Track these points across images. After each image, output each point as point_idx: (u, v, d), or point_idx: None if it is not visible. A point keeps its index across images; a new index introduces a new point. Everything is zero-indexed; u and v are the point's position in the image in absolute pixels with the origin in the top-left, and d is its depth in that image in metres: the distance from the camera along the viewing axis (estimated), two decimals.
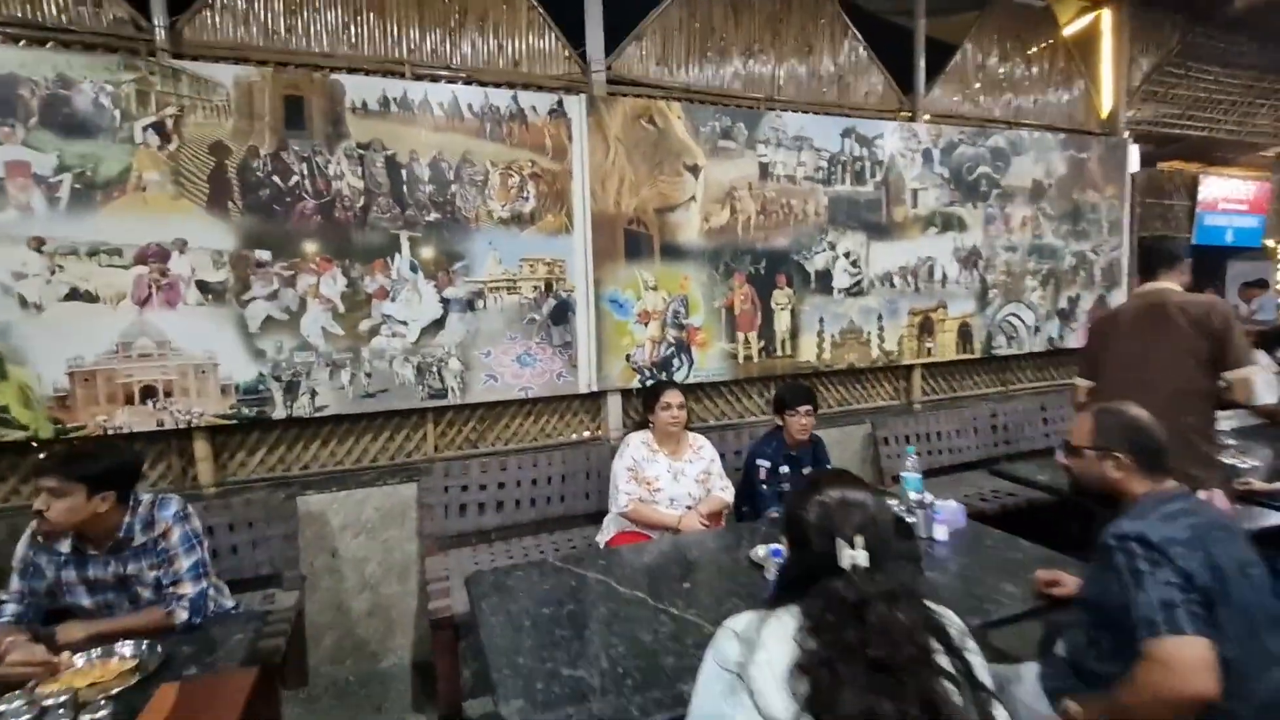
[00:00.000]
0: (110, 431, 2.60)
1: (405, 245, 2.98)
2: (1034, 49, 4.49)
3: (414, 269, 2.99)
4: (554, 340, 3.25)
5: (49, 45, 2.56)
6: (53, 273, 2.50)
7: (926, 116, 4.11)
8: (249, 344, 2.76)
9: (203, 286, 2.69)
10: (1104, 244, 4.73)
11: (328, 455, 2.99)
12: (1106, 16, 4.70)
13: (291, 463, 2.94)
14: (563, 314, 3.26)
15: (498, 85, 3.15)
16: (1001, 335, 4.39)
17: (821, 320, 3.84)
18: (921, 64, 4.11)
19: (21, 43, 2.53)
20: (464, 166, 3.07)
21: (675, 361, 3.50)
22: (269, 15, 2.86)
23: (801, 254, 3.77)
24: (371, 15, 3.00)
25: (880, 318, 3.99)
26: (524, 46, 3.25)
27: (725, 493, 2.85)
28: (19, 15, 2.53)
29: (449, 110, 3.03)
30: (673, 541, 2.41)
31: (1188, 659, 1.19)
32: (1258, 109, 5.51)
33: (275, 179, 2.78)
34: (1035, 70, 4.50)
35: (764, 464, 2.88)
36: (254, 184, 2.75)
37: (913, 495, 2.38)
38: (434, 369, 3.04)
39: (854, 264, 3.90)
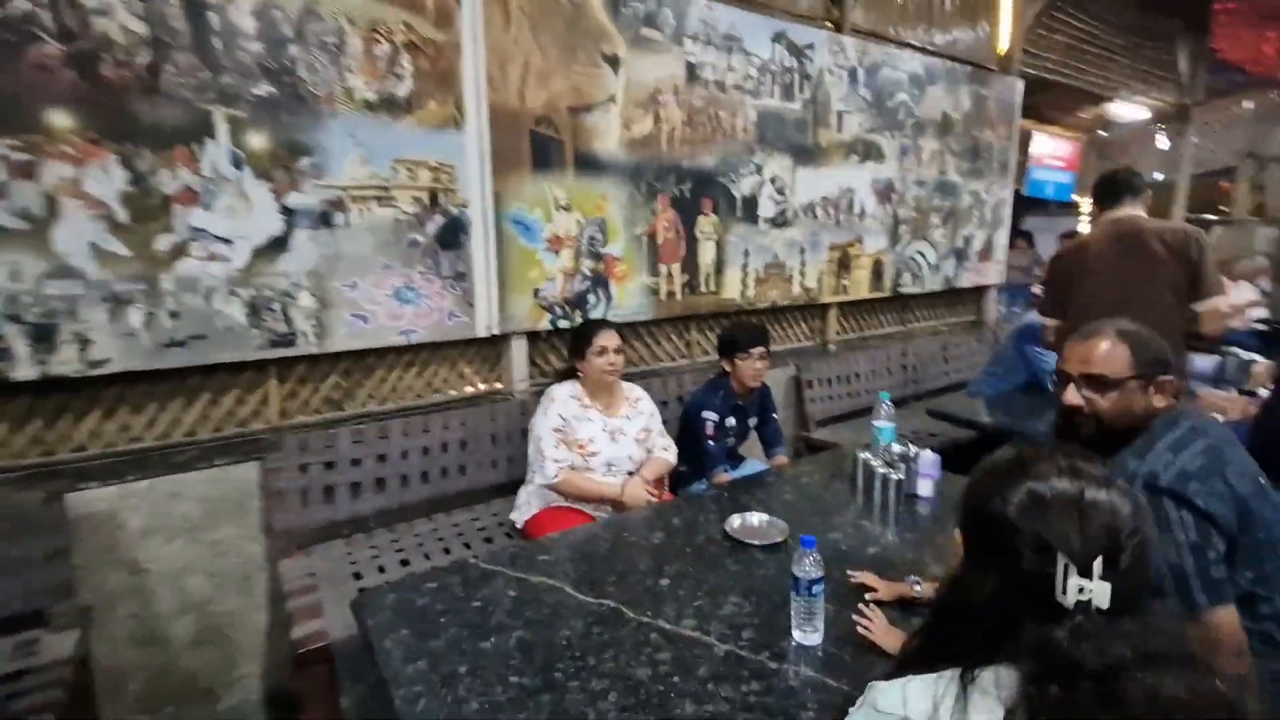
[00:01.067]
0: None
1: (222, 128, 2.07)
2: None
3: (237, 163, 2.11)
4: (443, 270, 2.53)
5: None
6: None
7: (851, 30, 3.75)
8: None
9: None
10: (994, 184, 4.79)
11: (115, 430, 2.09)
12: None
13: (55, 443, 2.02)
14: (453, 236, 2.54)
15: None
16: (908, 273, 4.31)
17: (746, 253, 3.44)
18: None
19: None
20: (308, 21, 2.18)
21: (591, 298, 2.93)
22: None
23: (728, 176, 3.30)
24: None
25: (803, 251, 3.68)
26: None
27: (668, 453, 2.40)
28: None
29: None
30: (620, 522, 1.92)
31: (1226, 629, 1.13)
32: (1115, 63, 5.86)
33: None
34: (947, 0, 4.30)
35: (711, 417, 2.46)
36: None
37: (895, 448, 2.09)
38: (276, 307, 2.21)
39: (780, 191, 3.52)
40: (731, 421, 2.50)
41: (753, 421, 2.62)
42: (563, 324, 2.85)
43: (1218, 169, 8.28)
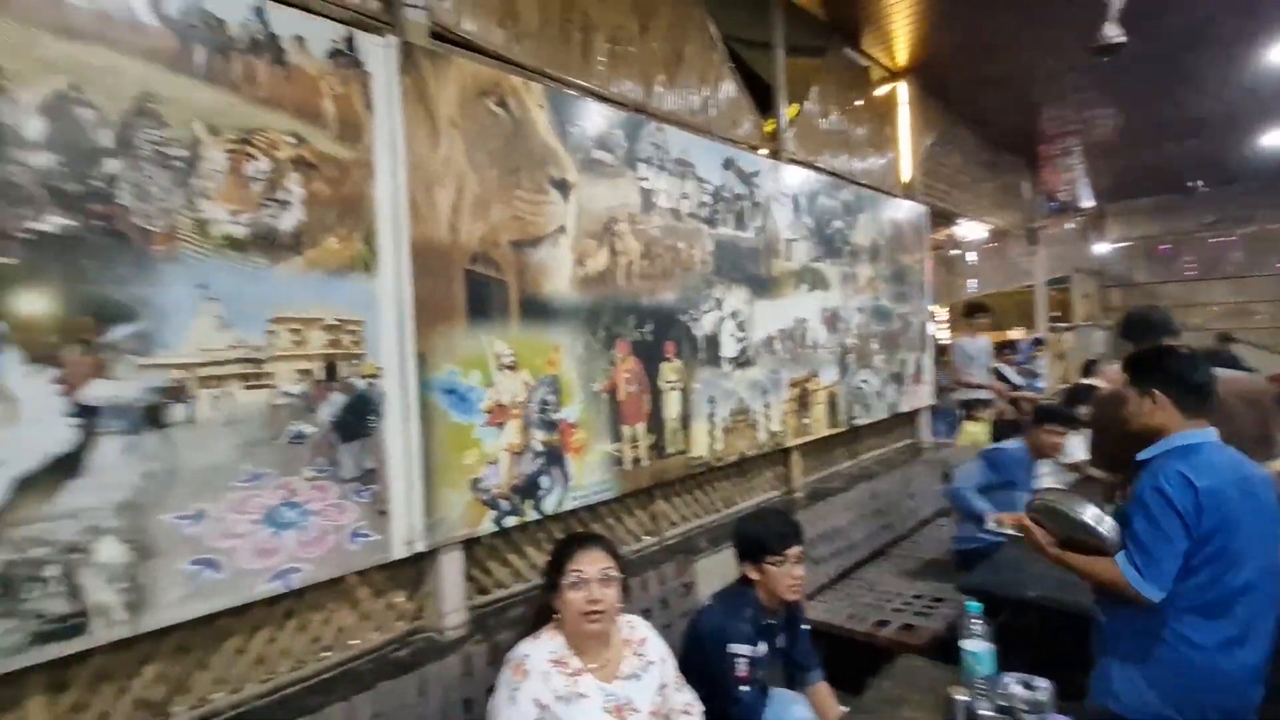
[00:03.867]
0: None
1: None
2: (859, 108, 4.35)
3: None
4: (343, 471, 1.74)
5: None
6: None
7: (788, 159, 3.58)
8: None
9: None
10: (916, 306, 4.77)
11: None
12: (903, 89, 4.85)
13: None
14: (359, 420, 1.78)
15: None
16: (858, 404, 4.02)
17: (712, 401, 2.93)
18: (784, 101, 3.58)
19: None
20: (139, 124, 1.45)
21: (544, 480, 2.23)
22: None
23: (689, 314, 2.83)
24: None
25: (765, 392, 3.25)
26: None
27: (693, 714, 1.69)
28: None
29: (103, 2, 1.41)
30: None
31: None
32: (979, 190, 6.38)
33: None
34: (861, 130, 4.35)
35: (742, 651, 1.79)
36: None
37: (1015, 688, 1.53)
38: (51, 573, 1.30)
39: (741, 326, 3.10)
40: (763, 649, 1.85)
41: (781, 641, 1.98)
42: (509, 522, 2.10)
43: (1057, 278, 9.32)
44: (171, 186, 1.49)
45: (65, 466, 1.33)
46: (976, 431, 4.88)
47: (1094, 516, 1.60)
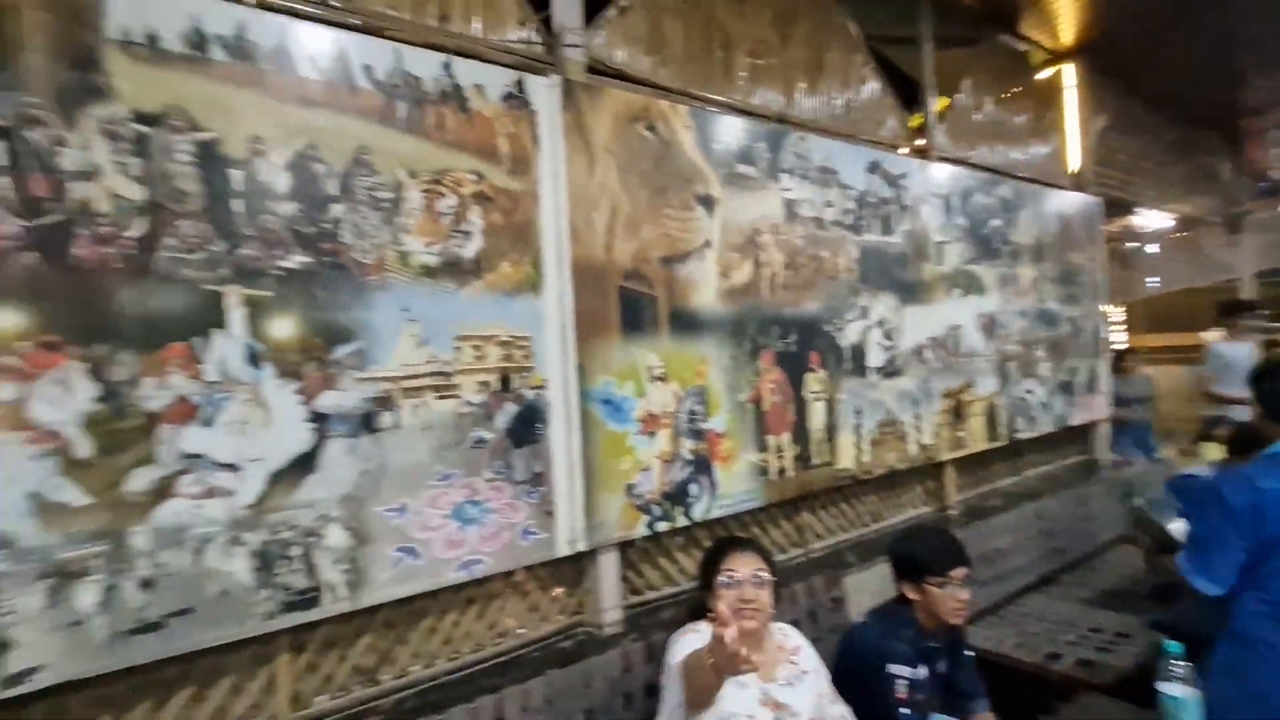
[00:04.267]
0: None
1: (237, 314, 1.52)
2: (1018, 95, 4.03)
3: (254, 360, 1.54)
4: (516, 473, 1.91)
5: None
6: None
7: (937, 157, 3.40)
8: None
9: None
10: (1090, 309, 4.31)
11: None
12: (1069, 71, 4.42)
13: None
14: (528, 428, 1.95)
15: (416, 44, 1.85)
16: (1021, 416, 3.71)
17: (859, 412, 2.85)
18: (933, 97, 3.42)
19: None
20: (356, 173, 1.71)
21: (693, 488, 2.29)
22: None
23: (833, 323, 2.78)
24: None
25: (916, 403, 3.10)
26: None
27: None
28: None
29: (331, 71, 1.68)
30: None
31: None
32: (1169, 179, 5.63)
33: None
34: (1020, 119, 4.03)
35: (901, 672, 1.73)
36: None
37: None
38: (295, 553, 1.56)
39: (888, 335, 2.99)
40: (923, 672, 1.78)
41: (942, 665, 1.89)
42: (661, 527, 2.19)
43: (1269, 270, 7.96)
44: (380, 224, 1.74)
45: (304, 464, 1.59)
46: (1214, 452, 4.24)
47: (1178, 529, 1.80)
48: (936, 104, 3.47)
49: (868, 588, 2.47)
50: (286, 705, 1.61)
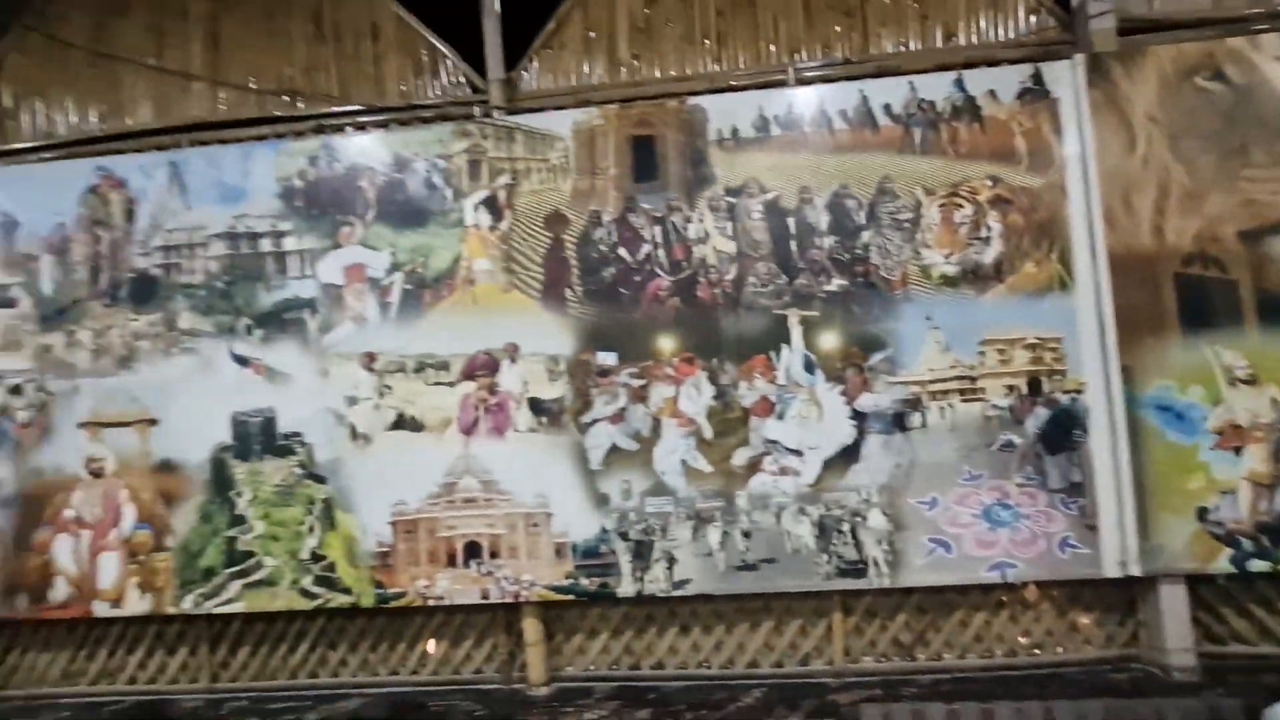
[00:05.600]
0: (431, 602, 1.98)
1: (796, 331, 1.92)
2: None
3: (810, 368, 1.92)
4: (1050, 481, 1.84)
5: (389, 127, 2.18)
6: (380, 395, 2.02)
7: None
8: (588, 485, 1.95)
9: (535, 406, 1.99)
10: None
11: (688, 649, 2.00)
12: None
13: (641, 655, 2.02)
14: (1062, 434, 1.84)
15: (924, 71, 1.99)
16: None
17: None
18: None
19: (365, 130, 2.19)
20: (881, 201, 1.95)
21: None
22: (611, 41, 2.16)
23: None
24: (737, 14, 2.13)
25: None
26: (960, 5, 2.04)
27: None
28: (363, 103, 2.21)
29: (855, 118, 1.96)
30: None
31: None
32: None
33: (621, 252, 2.00)
34: None
35: None
36: (595, 262, 2.00)
37: None
38: (844, 528, 1.87)
39: None
40: None
41: None
42: (1255, 566, 1.77)
43: None
44: (902, 243, 1.93)
45: (849, 454, 1.89)
46: None
47: None
48: None
49: None
50: (840, 655, 1.93)
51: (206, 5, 2.27)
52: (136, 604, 2.07)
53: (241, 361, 2.07)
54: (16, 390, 2.13)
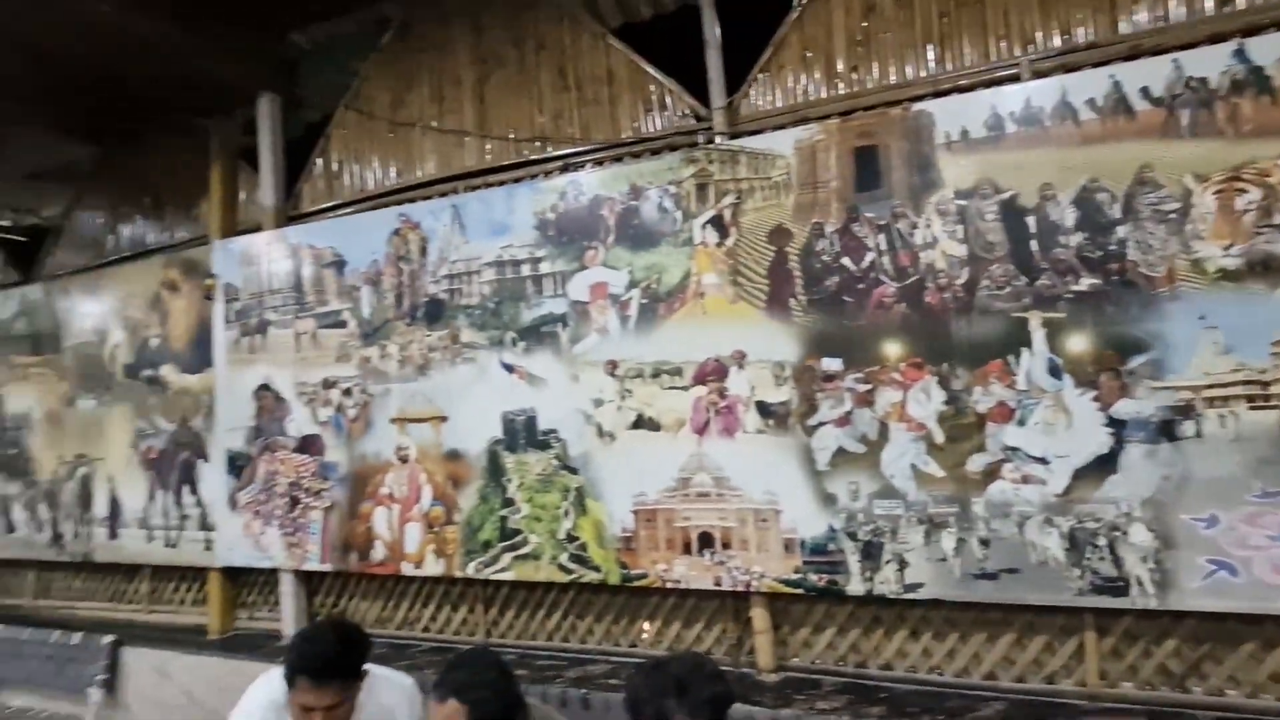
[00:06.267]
0: (668, 584, 2.20)
1: (1038, 334, 1.85)
2: None
3: (1055, 372, 1.83)
4: None
5: (624, 160, 2.46)
6: (622, 398, 2.29)
7: None
8: (816, 485, 2.04)
9: (762, 409, 2.12)
10: None
11: (919, 654, 2.01)
12: None
13: (868, 654, 2.07)
14: None
15: (1191, 46, 1.81)
16: None
17: None
18: None
19: (604, 165, 2.49)
20: (1139, 192, 1.80)
21: None
22: (828, 58, 2.24)
23: None
24: (962, 12, 2.09)
25: None
26: None
27: None
28: (600, 141, 2.51)
29: (1105, 106, 1.84)
30: None
31: None
32: None
33: (845, 261, 2.07)
34: None
35: None
36: (819, 271, 2.09)
37: None
38: (1100, 542, 1.76)
39: None
40: None
41: None
42: None
43: None
44: (1167, 236, 1.77)
45: (1103, 464, 1.78)
46: None
47: None
48: None
49: None
50: (1094, 677, 1.82)
51: (474, 70, 2.74)
52: (432, 566, 2.56)
53: (509, 369, 2.47)
54: (348, 392, 2.74)
